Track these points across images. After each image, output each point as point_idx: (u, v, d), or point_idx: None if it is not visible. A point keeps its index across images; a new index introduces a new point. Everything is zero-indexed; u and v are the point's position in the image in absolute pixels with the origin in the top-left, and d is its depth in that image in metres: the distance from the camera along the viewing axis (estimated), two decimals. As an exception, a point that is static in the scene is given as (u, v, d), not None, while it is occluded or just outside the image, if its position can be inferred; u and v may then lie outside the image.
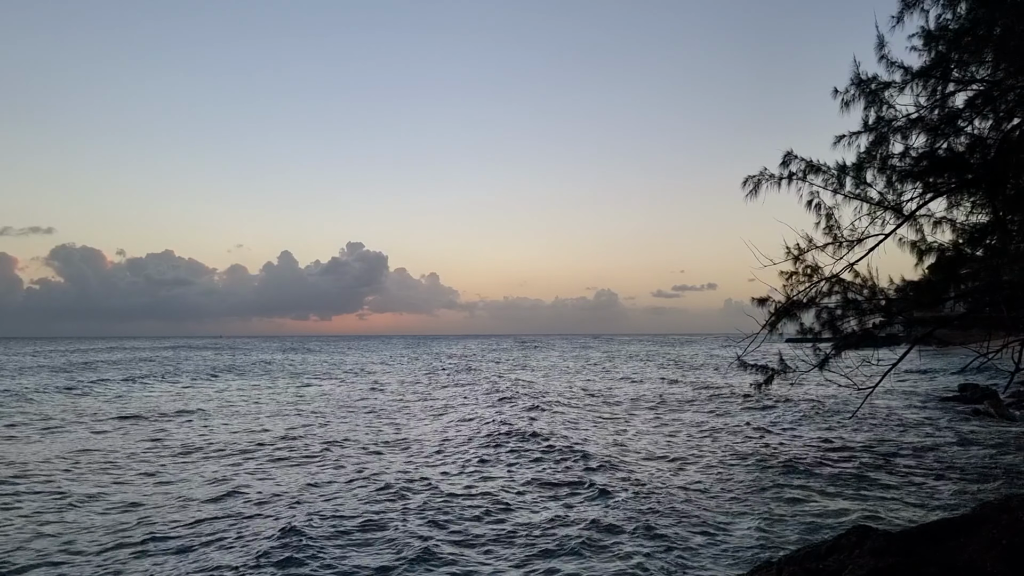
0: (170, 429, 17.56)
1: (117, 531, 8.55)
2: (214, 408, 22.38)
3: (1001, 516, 5.27)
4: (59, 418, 19.69)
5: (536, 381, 33.56)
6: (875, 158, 10.62)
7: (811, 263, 10.79)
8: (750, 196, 10.95)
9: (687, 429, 16.86)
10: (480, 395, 26.60)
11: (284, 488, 10.75)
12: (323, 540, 7.99)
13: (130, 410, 21.66)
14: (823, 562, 5.34)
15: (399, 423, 18.60)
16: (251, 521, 8.91)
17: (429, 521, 8.77)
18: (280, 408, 22.33)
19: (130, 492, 10.55)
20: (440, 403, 23.90)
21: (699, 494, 10.02)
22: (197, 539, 8.17)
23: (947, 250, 10.86)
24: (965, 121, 10.18)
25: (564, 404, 22.88)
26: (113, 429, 17.59)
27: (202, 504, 9.79)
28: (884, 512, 8.94)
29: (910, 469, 11.62)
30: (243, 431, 17.04)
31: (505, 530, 8.43)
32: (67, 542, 8.17)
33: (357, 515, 9.06)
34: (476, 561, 7.40)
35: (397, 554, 7.55)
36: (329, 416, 20.10)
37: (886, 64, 10.58)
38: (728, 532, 8.18)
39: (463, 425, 17.97)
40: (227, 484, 11.02)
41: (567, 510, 9.26)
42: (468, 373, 40.84)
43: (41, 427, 17.85)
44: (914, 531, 5.59)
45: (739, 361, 11.34)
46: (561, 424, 17.76)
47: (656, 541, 7.88)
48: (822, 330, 10.88)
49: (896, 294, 10.64)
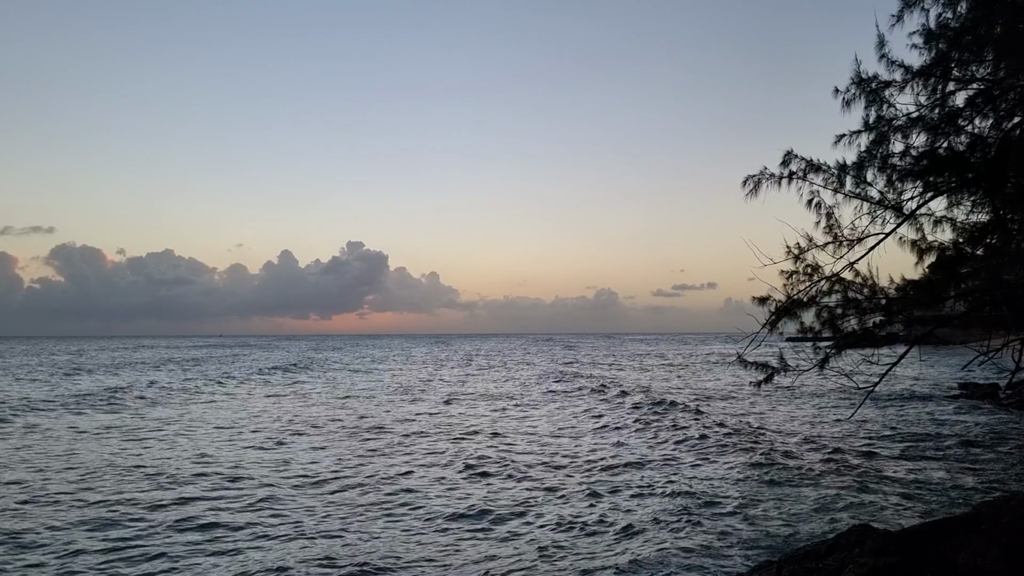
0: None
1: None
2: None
3: (1001, 516, 5.29)
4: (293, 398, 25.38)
5: (652, 382, 32.45)
6: (875, 157, 10.61)
7: (811, 262, 10.77)
8: (750, 195, 10.93)
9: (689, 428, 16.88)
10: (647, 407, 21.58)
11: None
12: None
13: (339, 393, 27.52)
14: (823, 561, 5.36)
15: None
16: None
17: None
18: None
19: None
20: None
21: (698, 492, 10.03)
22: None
23: (947, 249, 10.86)
24: (965, 120, 10.17)
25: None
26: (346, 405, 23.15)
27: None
28: (884, 511, 8.96)
29: (910, 468, 11.63)
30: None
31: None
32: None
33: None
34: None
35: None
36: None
37: (886, 63, 10.56)
38: (728, 531, 8.19)
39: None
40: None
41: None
42: (578, 379, 36.07)
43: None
44: (914, 530, 5.61)
45: (740, 359, 11.33)
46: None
47: (654, 538, 7.90)
48: (822, 329, 10.87)
49: (896, 293, 10.64)
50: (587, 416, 19.62)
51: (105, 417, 19.71)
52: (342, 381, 34.52)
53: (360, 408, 22.13)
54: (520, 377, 37.41)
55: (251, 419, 19.29)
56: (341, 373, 41.32)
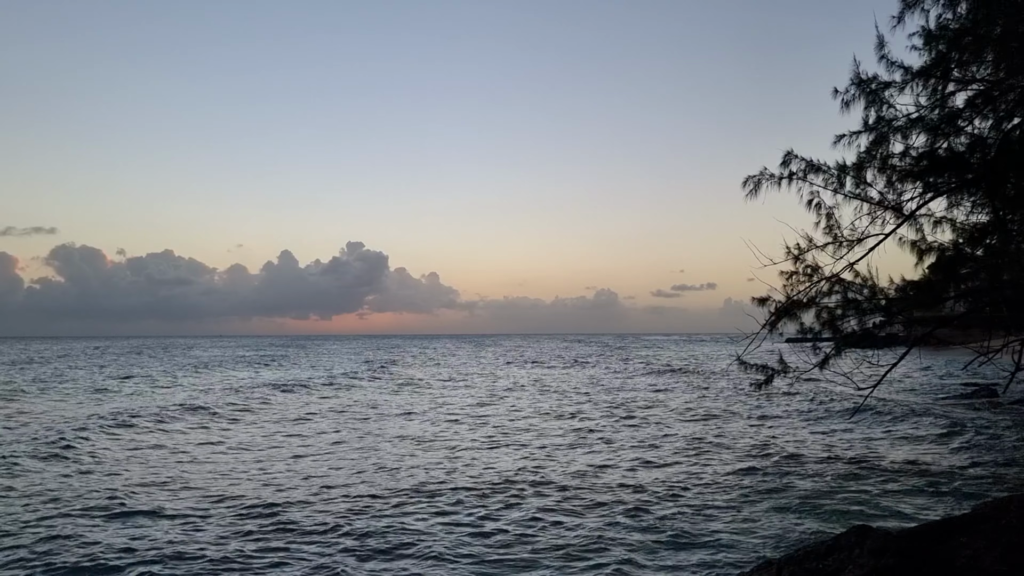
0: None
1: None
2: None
3: (1001, 516, 5.28)
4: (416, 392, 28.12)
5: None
6: (875, 158, 10.61)
7: (811, 263, 10.76)
8: (750, 196, 10.94)
9: (688, 426, 16.87)
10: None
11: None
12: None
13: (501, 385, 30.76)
14: (823, 562, 5.35)
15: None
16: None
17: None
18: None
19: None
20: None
21: (697, 492, 10.02)
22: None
23: (947, 250, 10.85)
24: (965, 121, 10.18)
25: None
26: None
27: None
28: (884, 512, 8.95)
29: (910, 468, 11.62)
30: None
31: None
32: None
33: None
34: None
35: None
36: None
37: (886, 64, 10.56)
38: (728, 531, 8.18)
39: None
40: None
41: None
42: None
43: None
44: (914, 531, 5.59)
45: (739, 360, 11.32)
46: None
47: (650, 536, 7.89)
48: (822, 330, 10.86)
49: (896, 294, 10.63)
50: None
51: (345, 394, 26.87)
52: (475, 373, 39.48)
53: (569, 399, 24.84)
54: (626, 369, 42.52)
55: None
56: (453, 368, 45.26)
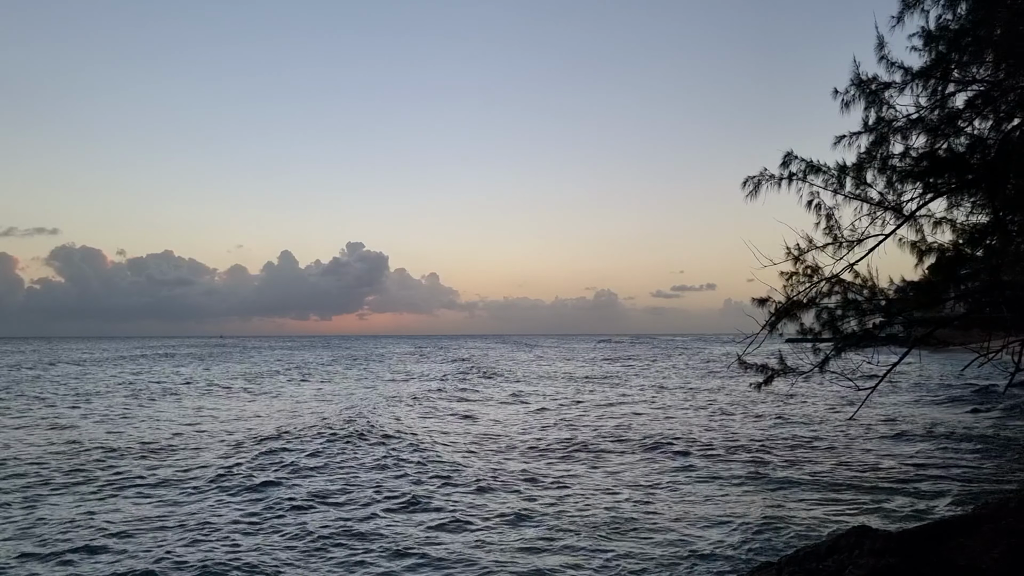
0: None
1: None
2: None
3: (1001, 517, 5.28)
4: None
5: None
6: (875, 158, 10.59)
7: (811, 263, 10.75)
8: (750, 197, 10.92)
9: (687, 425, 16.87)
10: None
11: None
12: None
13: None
14: (823, 562, 5.35)
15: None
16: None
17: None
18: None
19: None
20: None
21: (696, 493, 10.02)
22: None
23: (947, 250, 10.83)
24: (965, 121, 10.16)
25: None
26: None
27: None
28: (884, 512, 8.95)
29: (909, 468, 11.63)
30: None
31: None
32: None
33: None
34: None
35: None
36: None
37: (886, 64, 10.55)
38: (728, 532, 8.18)
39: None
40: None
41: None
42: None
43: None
44: (914, 531, 5.60)
45: (739, 361, 11.31)
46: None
47: (652, 537, 7.89)
48: (822, 330, 10.84)
49: (896, 294, 10.62)
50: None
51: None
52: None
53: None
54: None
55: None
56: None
